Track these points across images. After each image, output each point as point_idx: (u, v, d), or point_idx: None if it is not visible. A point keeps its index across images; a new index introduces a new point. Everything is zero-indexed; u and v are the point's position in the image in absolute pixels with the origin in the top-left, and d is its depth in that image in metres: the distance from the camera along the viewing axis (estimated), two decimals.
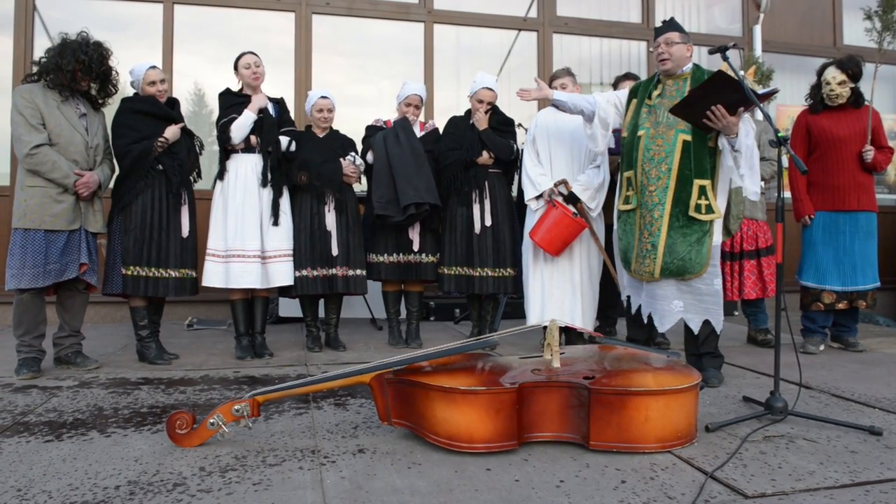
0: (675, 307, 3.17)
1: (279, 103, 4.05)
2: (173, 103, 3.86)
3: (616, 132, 3.54)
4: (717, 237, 3.12)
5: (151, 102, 3.69)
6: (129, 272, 3.59)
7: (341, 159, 4.06)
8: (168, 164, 3.65)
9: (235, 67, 3.93)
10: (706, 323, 3.15)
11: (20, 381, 3.29)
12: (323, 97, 4.11)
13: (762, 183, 4.32)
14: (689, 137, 3.05)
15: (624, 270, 3.36)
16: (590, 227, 3.77)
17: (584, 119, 3.51)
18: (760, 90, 3.09)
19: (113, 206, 3.66)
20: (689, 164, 3.04)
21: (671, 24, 3.22)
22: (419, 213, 3.96)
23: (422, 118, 4.31)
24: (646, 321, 3.30)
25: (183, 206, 3.73)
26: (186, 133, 3.81)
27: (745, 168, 2.94)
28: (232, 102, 3.87)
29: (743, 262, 4.21)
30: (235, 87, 4.00)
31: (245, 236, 3.78)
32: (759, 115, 4.89)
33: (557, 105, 3.65)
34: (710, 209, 3.05)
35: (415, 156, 3.98)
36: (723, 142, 2.99)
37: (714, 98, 2.87)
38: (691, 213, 3.04)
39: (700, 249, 3.05)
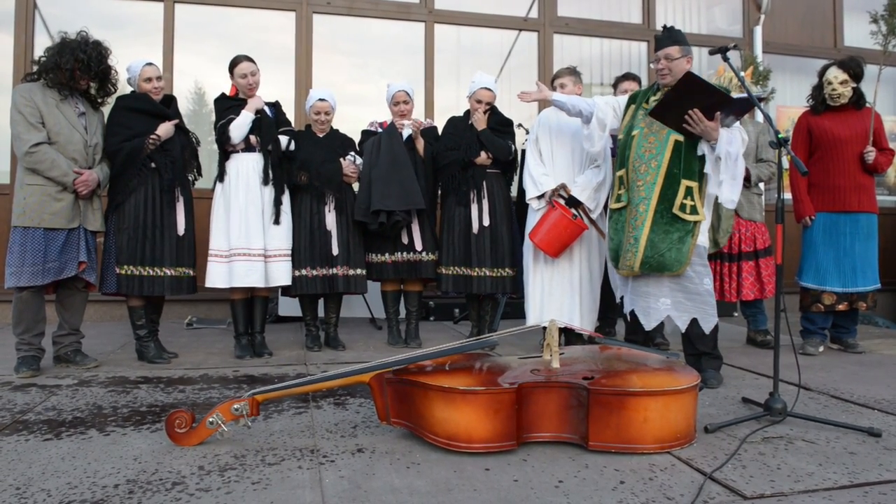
0: (661, 305, 3.17)
1: (275, 107, 4.06)
2: (170, 100, 3.86)
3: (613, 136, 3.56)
4: (703, 238, 3.12)
5: (145, 100, 3.68)
6: (124, 271, 3.58)
7: (341, 159, 4.06)
8: (160, 162, 3.64)
9: (230, 71, 3.92)
10: (695, 323, 3.15)
11: (19, 379, 3.29)
12: (321, 100, 4.09)
13: (762, 184, 4.33)
14: (681, 138, 3.06)
15: (615, 271, 3.36)
16: (594, 225, 3.77)
17: (581, 121, 3.53)
18: (757, 91, 3.10)
19: (108, 205, 3.66)
20: (679, 164, 3.05)
21: (671, 37, 3.16)
22: (393, 221, 3.95)
23: (421, 117, 4.30)
24: (629, 318, 3.31)
25: (178, 204, 3.72)
26: (182, 130, 3.80)
27: (724, 175, 2.96)
28: (229, 105, 3.86)
29: (741, 264, 4.21)
30: (230, 90, 3.99)
31: (250, 235, 3.78)
32: (760, 116, 4.90)
33: (557, 106, 3.66)
34: (694, 210, 3.06)
35: (393, 163, 3.97)
36: (703, 147, 3.02)
37: (690, 102, 2.91)
38: (675, 211, 3.05)
39: (681, 248, 3.05)
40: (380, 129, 4.21)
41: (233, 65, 3.91)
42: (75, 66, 3.38)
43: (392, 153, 3.99)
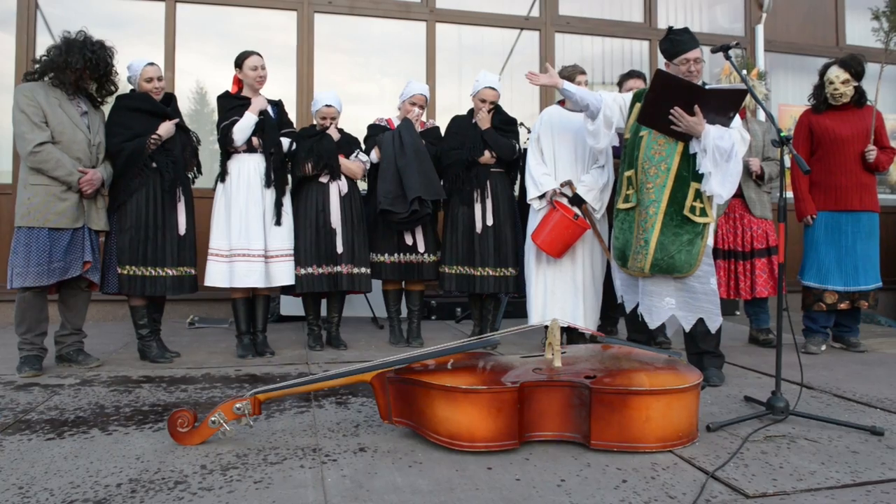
0: (666, 304, 3.17)
1: (278, 105, 4.06)
2: (170, 98, 3.86)
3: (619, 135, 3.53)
4: (710, 239, 3.14)
5: (145, 99, 3.68)
6: (125, 271, 3.59)
7: (328, 132, 4.05)
8: (161, 162, 3.64)
9: (239, 65, 3.91)
10: (700, 322, 3.15)
11: (22, 378, 3.29)
12: (328, 106, 4.10)
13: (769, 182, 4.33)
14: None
15: (619, 270, 3.36)
16: (593, 228, 3.76)
17: (586, 115, 3.47)
18: (762, 90, 3.10)
19: (109, 205, 3.66)
20: (688, 167, 3.06)
21: (694, 38, 3.17)
22: (421, 213, 3.96)
23: (423, 117, 4.30)
24: (640, 317, 3.30)
25: (179, 204, 3.72)
26: (182, 129, 3.80)
27: (710, 166, 2.97)
28: (232, 105, 3.86)
29: (754, 261, 4.20)
30: (232, 85, 3.99)
31: (250, 235, 3.78)
32: (762, 115, 4.89)
33: (565, 95, 3.53)
34: (704, 212, 3.08)
35: (416, 153, 3.99)
36: (693, 144, 3.03)
37: (669, 101, 2.94)
38: (685, 212, 3.06)
39: (691, 250, 3.06)
40: (387, 126, 4.23)
41: (242, 58, 3.91)
42: (84, 66, 3.38)
43: (414, 145, 4.02)
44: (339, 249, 4.02)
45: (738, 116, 3.10)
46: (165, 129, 3.65)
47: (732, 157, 2.97)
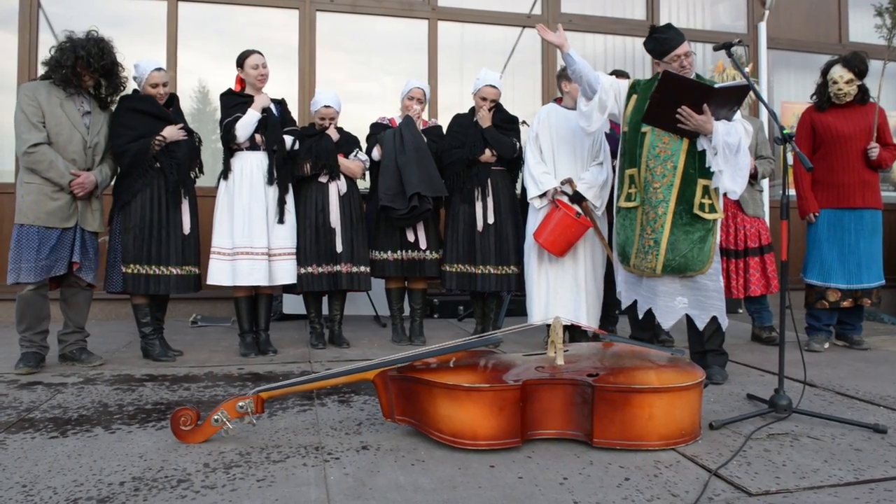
0: (678, 303, 3.16)
1: (281, 104, 4.06)
2: (172, 99, 3.86)
3: (614, 132, 3.51)
4: (719, 236, 3.12)
5: (150, 102, 3.68)
6: (130, 270, 3.60)
7: (327, 132, 4.06)
8: (165, 163, 3.65)
9: (240, 64, 3.91)
10: (713, 320, 3.15)
11: (25, 377, 3.30)
12: (326, 107, 4.09)
13: (764, 181, 4.32)
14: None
15: (620, 267, 3.35)
16: (595, 227, 3.76)
17: (580, 93, 3.37)
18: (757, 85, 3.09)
19: (113, 205, 3.67)
20: (694, 164, 3.04)
21: (679, 33, 3.14)
22: (422, 209, 3.96)
23: (425, 116, 4.30)
24: (641, 315, 3.29)
25: (183, 204, 3.73)
26: (186, 130, 3.80)
27: (723, 165, 2.96)
28: (235, 102, 3.86)
29: (748, 260, 4.20)
30: (234, 84, 3.99)
31: (253, 234, 3.79)
32: (762, 114, 4.88)
33: (566, 62, 3.38)
34: (713, 208, 3.07)
35: (417, 150, 3.99)
36: (702, 142, 3.01)
37: (676, 100, 2.92)
38: (695, 210, 3.04)
39: (702, 247, 3.05)
40: (389, 125, 4.23)
41: (243, 57, 3.91)
42: (76, 63, 3.38)
43: (415, 142, 4.02)
44: (339, 249, 4.02)
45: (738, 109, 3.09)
46: (170, 132, 3.65)
47: (740, 150, 2.96)
